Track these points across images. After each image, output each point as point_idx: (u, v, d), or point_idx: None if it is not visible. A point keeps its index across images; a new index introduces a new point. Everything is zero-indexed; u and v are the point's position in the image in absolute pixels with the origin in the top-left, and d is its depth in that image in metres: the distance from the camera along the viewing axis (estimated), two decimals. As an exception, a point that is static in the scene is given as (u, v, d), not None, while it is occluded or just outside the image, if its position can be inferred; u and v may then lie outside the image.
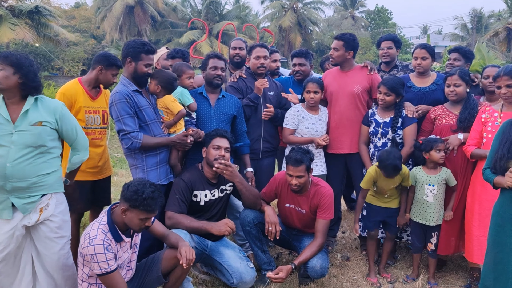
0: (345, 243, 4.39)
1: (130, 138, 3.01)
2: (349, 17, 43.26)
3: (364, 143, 3.82)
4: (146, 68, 3.12)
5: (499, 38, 32.97)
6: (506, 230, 2.40)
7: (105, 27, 32.05)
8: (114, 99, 3.03)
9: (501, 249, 2.41)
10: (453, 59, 4.11)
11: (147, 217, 2.52)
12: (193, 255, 2.71)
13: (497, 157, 2.42)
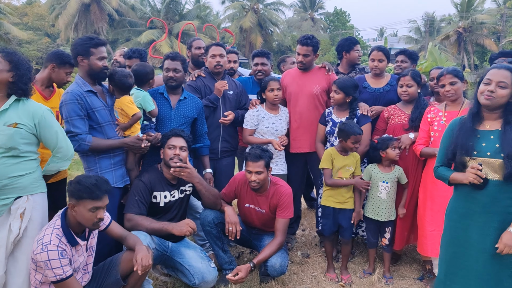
0: (305, 240, 4.47)
1: (77, 140, 2.90)
2: (309, 19, 43.98)
3: (320, 141, 3.91)
4: (101, 61, 3.01)
5: (450, 41, 34.60)
6: (463, 226, 2.47)
7: (59, 25, 30.97)
8: (64, 99, 2.93)
9: (459, 244, 2.48)
10: (400, 61, 4.29)
11: (95, 205, 2.45)
12: (150, 261, 2.66)
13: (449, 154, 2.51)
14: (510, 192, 2.33)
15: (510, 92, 2.32)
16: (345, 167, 3.54)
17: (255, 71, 4.24)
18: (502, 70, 2.35)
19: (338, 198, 3.57)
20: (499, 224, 2.35)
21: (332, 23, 47.25)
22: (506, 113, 2.36)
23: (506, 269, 2.37)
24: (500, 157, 2.31)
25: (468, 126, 2.45)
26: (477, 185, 2.36)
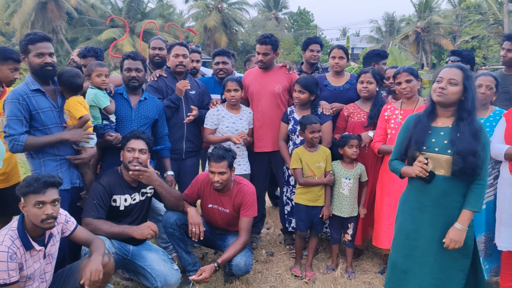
0: (269, 239, 4.49)
1: (11, 140, 2.77)
2: (273, 18, 44.26)
3: (283, 140, 3.94)
4: (40, 58, 2.82)
5: (409, 41, 35.72)
6: (414, 218, 2.55)
7: (15, 23, 29.74)
8: (7, 98, 2.81)
9: (410, 236, 2.56)
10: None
11: (38, 200, 2.36)
12: (100, 275, 2.53)
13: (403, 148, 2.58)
14: (459, 187, 2.43)
15: (461, 89, 2.41)
16: (316, 164, 3.58)
17: (216, 70, 4.21)
18: (453, 68, 2.44)
19: (311, 196, 3.61)
20: (447, 218, 2.44)
21: (296, 22, 47.73)
22: (459, 111, 2.44)
23: (454, 262, 2.46)
24: (447, 153, 2.40)
25: (422, 122, 2.53)
26: (424, 178, 2.44)
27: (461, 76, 2.40)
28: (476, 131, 2.37)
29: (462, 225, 2.39)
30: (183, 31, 29.16)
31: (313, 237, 3.75)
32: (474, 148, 2.33)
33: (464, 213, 2.41)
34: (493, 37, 24.28)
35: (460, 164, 2.34)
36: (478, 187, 2.41)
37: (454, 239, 2.39)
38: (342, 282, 3.51)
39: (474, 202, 2.41)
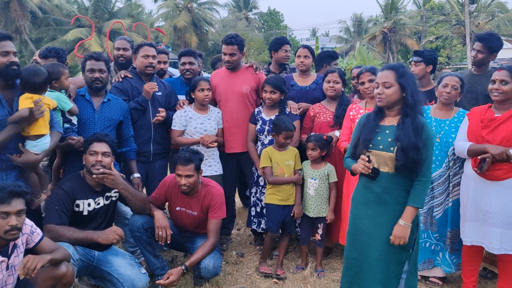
0: (240, 240, 4.48)
1: None
2: (243, 18, 44.27)
3: (252, 141, 3.93)
4: (5, 57, 2.67)
5: (377, 41, 36.48)
6: (361, 214, 2.63)
7: (-25, 23, 28.55)
8: None
9: (358, 231, 2.64)
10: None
11: (2, 210, 2.25)
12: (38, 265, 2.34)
13: (355, 146, 2.66)
14: (401, 184, 2.50)
15: (397, 89, 2.47)
16: (285, 162, 3.59)
17: (182, 70, 4.16)
18: (384, 71, 2.51)
19: (281, 195, 3.62)
20: (390, 214, 2.52)
21: (266, 23, 47.94)
22: (403, 108, 2.51)
23: (395, 255, 2.54)
24: (390, 151, 2.47)
25: (370, 121, 2.61)
26: (368, 175, 2.52)
27: (394, 76, 2.47)
28: (418, 127, 2.44)
29: (405, 222, 2.46)
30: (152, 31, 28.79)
31: (284, 237, 3.76)
32: (416, 143, 2.40)
33: (407, 209, 2.48)
34: (456, 37, 25.10)
35: (402, 159, 2.41)
36: (420, 183, 2.47)
37: (398, 236, 2.46)
38: (311, 281, 3.54)
39: (416, 199, 2.47)
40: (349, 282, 2.68)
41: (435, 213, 3.34)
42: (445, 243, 3.36)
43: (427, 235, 3.39)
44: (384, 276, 2.54)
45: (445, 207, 3.33)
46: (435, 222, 3.35)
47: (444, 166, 3.30)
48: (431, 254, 3.42)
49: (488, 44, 3.62)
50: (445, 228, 3.35)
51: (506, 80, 2.93)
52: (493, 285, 3.42)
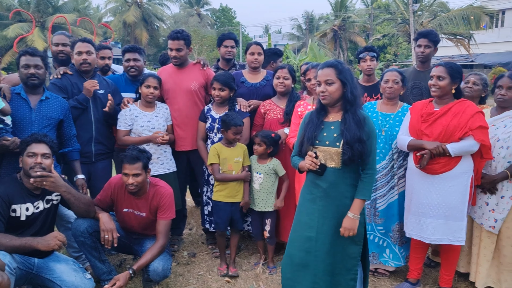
0: (192, 239, 4.40)
1: None
2: (195, 14, 43.79)
3: (201, 139, 3.87)
4: None
5: (327, 38, 37.25)
6: (308, 210, 2.66)
7: None
8: None
9: (305, 227, 2.65)
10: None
11: None
12: None
13: (301, 143, 2.68)
14: (347, 178, 2.56)
15: (339, 85, 2.51)
16: (234, 159, 3.56)
17: (127, 67, 4.00)
18: (325, 69, 2.55)
19: (229, 192, 3.59)
20: (338, 208, 2.57)
21: (219, 19, 47.69)
22: (344, 103, 2.56)
23: (346, 249, 2.60)
24: (336, 146, 2.51)
25: (314, 118, 2.64)
26: (316, 171, 2.55)
27: (334, 73, 2.51)
28: (360, 120, 2.49)
29: (353, 214, 2.52)
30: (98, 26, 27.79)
31: (234, 235, 3.73)
32: (360, 136, 2.46)
33: (355, 202, 2.54)
34: (401, 35, 26.08)
35: (349, 152, 2.45)
36: (367, 176, 2.54)
37: (347, 227, 2.52)
38: (263, 278, 3.53)
39: (364, 191, 2.54)
40: (292, 279, 2.68)
41: (378, 205, 3.43)
42: (393, 237, 3.45)
43: (371, 228, 3.47)
44: (333, 268, 2.58)
45: (389, 200, 3.43)
46: (378, 214, 3.44)
47: (387, 159, 3.40)
48: (376, 248, 3.50)
49: (432, 39, 3.87)
50: (391, 221, 3.44)
51: (442, 76, 3.05)
52: (436, 273, 3.57)
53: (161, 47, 35.74)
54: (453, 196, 3.00)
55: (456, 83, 3.05)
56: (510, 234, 3.10)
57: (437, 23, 22.09)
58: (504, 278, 3.15)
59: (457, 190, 3.00)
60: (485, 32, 24.00)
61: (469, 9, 22.52)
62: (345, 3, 38.87)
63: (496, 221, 3.09)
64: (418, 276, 3.36)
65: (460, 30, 22.24)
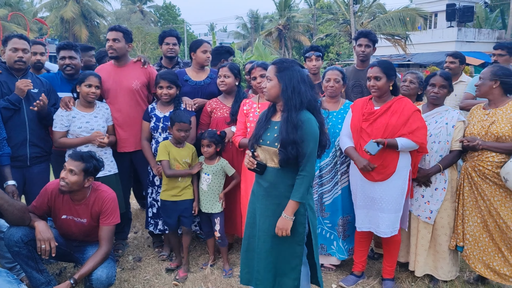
0: (137, 243, 4.26)
1: None
2: (138, 11, 42.62)
3: (146, 139, 3.76)
4: None
5: (273, 37, 37.69)
6: (252, 208, 2.68)
7: None
8: None
9: (251, 226, 2.71)
10: None
11: None
12: None
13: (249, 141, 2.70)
14: (286, 178, 2.56)
15: (277, 83, 2.53)
16: (182, 160, 3.50)
17: (62, 65, 3.77)
18: (270, 65, 2.59)
19: (174, 191, 3.52)
20: (276, 207, 2.58)
21: (163, 16, 46.73)
22: (283, 104, 2.56)
23: (289, 249, 2.62)
24: (275, 146, 2.53)
25: (263, 117, 2.66)
26: (255, 170, 2.59)
27: (274, 70, 2.54)
28: (297, 122, 2.46)
29: (286, 214, 2.53)
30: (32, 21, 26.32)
31: (185, 235, 3.66)
32: (293, 138, 2.45)
33: (289, 203, 2.54)
34: (343, 35, 26.88)
35: (283, 154, 2.46)
36: (299, 177, 2.52)
37: (280, 227, 2.54)
38: (212, 279, 3.49)
39: (295, 193, 2.52)
40: (249, 274, 2.72)
41: (324, 199, 3.51)
42: (338, 231, 3.54)
43: (319, 221, 3.56)
44: (275, 266, 2.62)
45: (334, 195, 3.51)
46: (325, 208, 3.52)
47: (330, 156, 3.48)
48: (323, 240, 3.58)
49: (372, 38, 4.04)
50: (336, 216, 3.53)
51: (379, 75, 3.16)
52: (379, 265, 3.71)
53: (102, 45, 34.40)
54: (395, 190, 3.13)
55: (392, 80, 3.18)
56: (444, 224, 3.29)
57: (376, 24, 23.02)
58: (440, 265, 3.34)
59: (398, 185, 3.12)
60: (420, 33, 25.37)
61: (405, 11, 23.70)
62: (289, 3, 39.51)
63: (431, 212, 3.26)
64: (362, 269, 3.48)
65: (397, 31, 23.32)
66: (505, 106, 3.08)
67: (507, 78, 3.09)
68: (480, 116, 3.18)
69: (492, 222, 3.10)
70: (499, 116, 3.06)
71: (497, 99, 3.13)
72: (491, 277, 3.16)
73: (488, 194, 3.09)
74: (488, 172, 3.05)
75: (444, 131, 3.24)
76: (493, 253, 3.14)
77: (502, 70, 3.10)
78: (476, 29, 26.47)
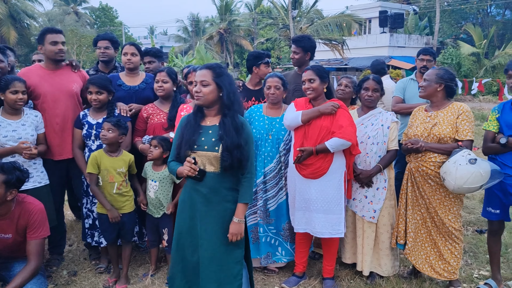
0: (72, 256, 4.04)
1: None
2: (72, 12, 40.77)
3: (78, 147, 3.59)
4: None
5: (214, 41, 37.64)
6: (190, 216, 2.60)
7: None
8: None
9: (188, 234, 2.61)
10: (147, 62, 4.34)
11: None
12: None
13: (177, 149, 2.60)
14: (227, 182, 2.56)
15: (214, 88, 2.52)
16: (116, 170, 3.35)
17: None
18: (202, 70, 2.54)
19: (114, 205, 3.37)
20: (220, 213, 2.56)
21: (99, 18, 45.04)
22: (221, 108, 2.57)
23: (231, 254, 2.59)
24: (215, 150, 2.51)
25: (191, 122, 2.59)
26: (195, 177, 2.49)
27: (211, 75, 2.51)
28: (238, 126, 2.51)
29: (239, 218, 2.54)
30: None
31: (125, 247, 3.53)
32: (238, 142, 2.48)
33: (239, 206, 2.56)
34: (283, 39, 27.42)
35: (228, 159, 2.46)
36: (246, 179, 2.57)
37: (234, 233, 2.53)
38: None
39: (246, 195, 2.57)
40: (188, 283, 2.63)
41: (269, 205, 3.53)
42: (284, 235, 3.58)
43: (264, 230, 3.56)
44: (219, 276, 2.55)
45: (279, 200, 3.54)
46: (269, 214, 3.54)
47: (275, 162, 3.51)
48: (269, 247, 3.59)
49: (300, 45, 4.00)
50: (281, 221, 3.56)
51: (313, 78, 3.25)
52: (320, 265, 3.79)
53: (33, 47, 32.51)
54: (330, 190, 3.21)
55: (325, 82, 3.28)
56: (385, 222, 3.43)
57: (314, 29, 23.71)
58: (383, 262, 3.47)
59: (332, 185, 3.21)
60: (356, 38, 26.46)
61: (341, 17, 24.64)
62: (230, 7, 39.65)
63: (375, 212, 3.38)
64: (303, 269, 3.54)
65: (335, 36, 24.17)
66: (446, 109, 3.23)
67: (451, 82, 3.24)
68: (422, 118, 3.32)
69: (430, 220, 3.26)
70: (441, 118, 3.21)
71: (439, 102, 3.28)
72: (428, 272, 3.32)
73: (429, 193, 3.23)
74: (431, 172, 3.19)
75: (380, 132, 3.37)
76: (430, 248, 3.30)
77: (447, 74, 3.24)
78: (407, 35, 28.12)
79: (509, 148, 3.09)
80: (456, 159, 2.97)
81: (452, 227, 3.20)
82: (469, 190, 3.03)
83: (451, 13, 29.75)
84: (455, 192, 3.08)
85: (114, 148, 3.40)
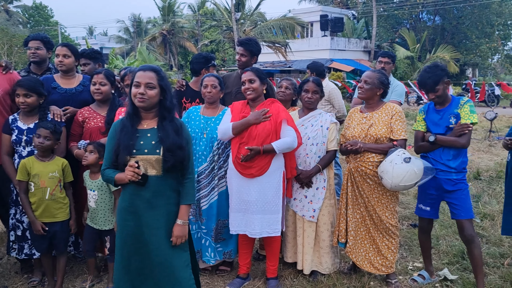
0: (2, 270, 3.78)
1: None
2: (3, 11, 38.34)
3: (7, 154, 3.36)
4: None
5: (157, 42, 36.96)
6: (134, 223, 2.49)
7: None
8: None
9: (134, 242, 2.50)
10: (83, 64, 4.21)
11: None
12: None
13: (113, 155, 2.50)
14: (169, 184, 2.53)
15: (158, 91, 2.49)
16: (49, 174, 3.18)
17: None
18: (147, 72, 2.48)
19: (47, 212, 3.21)
20: (165, 217, 2.52)
21: (33, 17, 42.67)
22: (160, 110, 2.53)
23: (179, 258, 2.55)
24: (156, 153, 2.47)
25: (127, 126, 2.51)
26: (138, 182, 2.43)
27: (156, 78, 2.47)
28: (178, 127, 2.52)
29: (182, 220, 2.53)
30: None
31: (60, 258, 3.36)
32: (180, 143, 2.48)
33: (182, 208, 2.55)
34: (227, 41, 27.48)
35: (171, 160, 2.44)
36: (188, 180, 2.57)
37: (179, 235, 2.51)
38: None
39: (188, 196, 2.57)
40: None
41: (202, 204, 3.53)
42: (214, 236, 3.57)
43: (197, 227, 3.57)
44: (171, 280, 2.50)
45: (211, 200, 3.54)
46: (201, 213, 3.54)
47: (208, 161, 3.50)
48: (200, 245, 3.59)
49: (248, 48, 4.01)
50: (211, 221, 3.56)
51: (253, 78, 3.30)
52: (264, 265, 3.81)
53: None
54: (269, 191, 3.26)
55: (265, 83, 3.34)
56: (325, 220, 3.52)
57: (258, 31, 23.99)
58: (324, 260, 3.55)
59: (272, 186, 3.26)
60: (299, 41, 27.08)
61: (284, 20, 25.11)
62: (173, 8, 39.07)
63: (314, 211, 3.46)
64: (247, 271, 3.55)
65: (278, 39, 24.59)
66: (380, 110, 3.37)
67: (387, 87, 3.42)
68: (358, 119, 3.44)
69: (369, 218, 3.39)
70: (376, 119, 3.35)
71: (375, 104, 3.42)
72: (368, 268, 3.44)
73: (367, 192, 3.35)
74: (369, 172, 3.31)
75: (320, 133, 3.47)
76: (369, 245, 3.43)
77: (385, 78, 3.40)
78: (346, 38, 29.17)
79: (438, 145, 3.28)
80: (392, 159, 3.11)
81: (389, 224, 3.35)
82: (405, 187, 3.18)
83: (387, 18, 31.26)
84: (392, 189, 3.23)
85: (47, 153, 3.23)
